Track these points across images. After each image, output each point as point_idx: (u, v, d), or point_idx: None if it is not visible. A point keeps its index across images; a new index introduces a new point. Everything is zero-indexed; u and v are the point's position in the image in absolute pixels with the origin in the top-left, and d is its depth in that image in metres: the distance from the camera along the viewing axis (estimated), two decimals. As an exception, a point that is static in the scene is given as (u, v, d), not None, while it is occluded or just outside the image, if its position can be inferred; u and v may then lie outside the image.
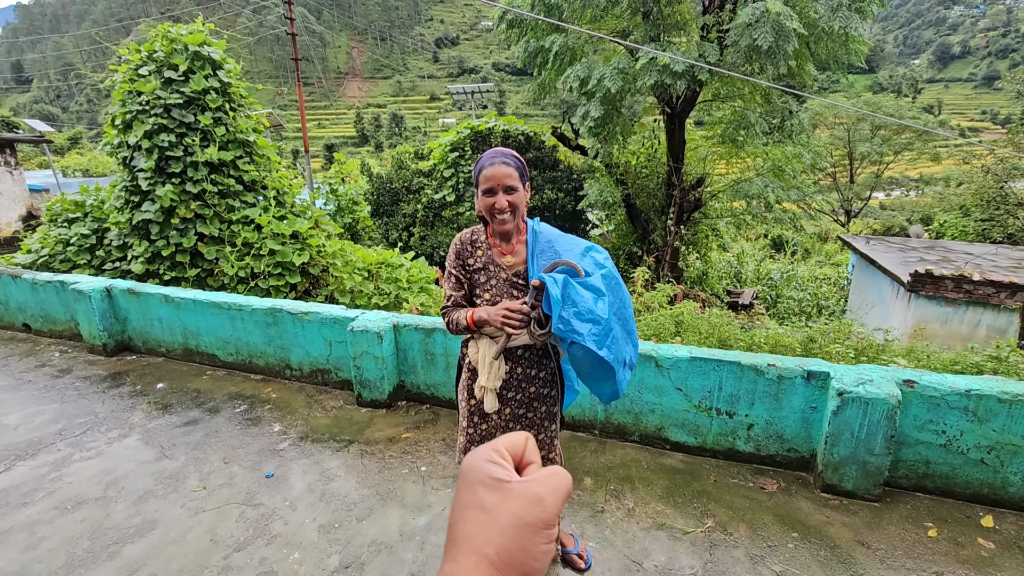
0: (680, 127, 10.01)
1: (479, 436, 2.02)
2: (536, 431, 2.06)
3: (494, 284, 1.91)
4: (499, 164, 1.81)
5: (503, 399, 1.98)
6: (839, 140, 24.16)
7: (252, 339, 4.53)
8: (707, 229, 11.47)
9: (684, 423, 3.24)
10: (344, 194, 10.56)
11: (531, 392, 2.00)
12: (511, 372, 1.96)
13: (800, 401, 2.97)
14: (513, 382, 1.98)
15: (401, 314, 4.09)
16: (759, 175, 10.00)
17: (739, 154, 10.24)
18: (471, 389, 2.00)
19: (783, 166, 9.66)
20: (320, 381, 4.36)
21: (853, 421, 2.75)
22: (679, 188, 9.97)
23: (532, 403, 2.02)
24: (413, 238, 11.84)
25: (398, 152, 14.45)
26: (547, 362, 2.03)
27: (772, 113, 9.57)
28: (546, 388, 2.03)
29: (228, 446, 3.45)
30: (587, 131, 9.44)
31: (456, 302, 1.97)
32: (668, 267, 9.96)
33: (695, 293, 9.76)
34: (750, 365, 3.01)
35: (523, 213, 1.93)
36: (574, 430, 3.52)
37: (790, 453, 3.07)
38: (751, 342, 4.68)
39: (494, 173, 1.80)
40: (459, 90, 29.33)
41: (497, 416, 2.00)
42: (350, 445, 3.44)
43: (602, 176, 11.29)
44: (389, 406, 3.93)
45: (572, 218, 12.29)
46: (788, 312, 10.70)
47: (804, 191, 9.94)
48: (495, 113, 13.06)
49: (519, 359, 1.96)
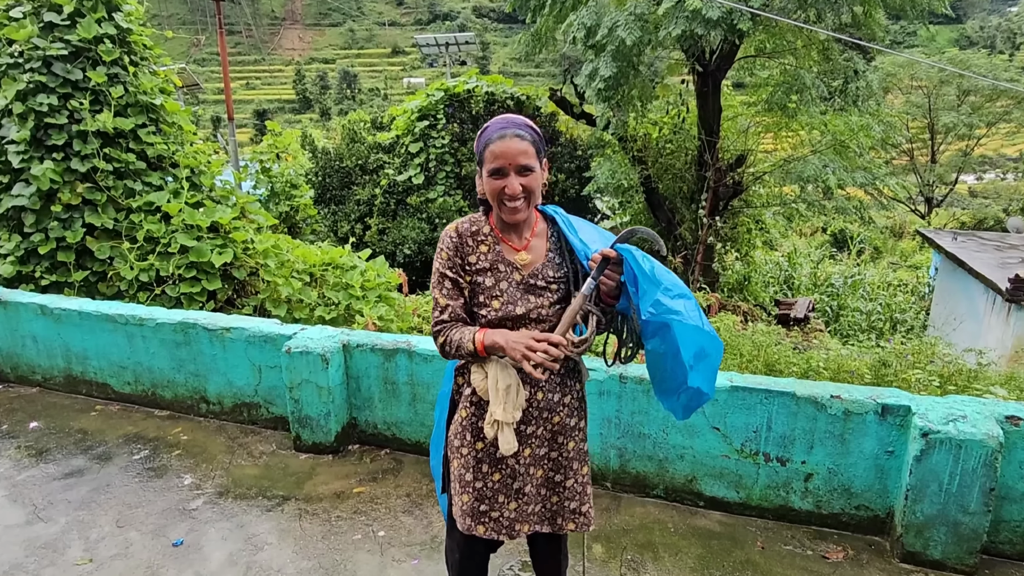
0: (715, 90, 10.11)
1: (490, 491, 1.97)
2: (563, 476, 2.02)
3: (505, 289, 1.88)
4: (511, 137, 1.79)
5: (521, 436, 1.93)
6: (917, 109, 24.55)
7: (157, 363, 4.48)
8: (749, 221, 11.55)
9: (722, 473, 3.23)
10: (280, 175, 10.50)
11: (555, 424, 1.97)
12: (530, 399, 1.92)
13: (872, 444, 2.98)
14: (532, 412, 1.94)
15: (353, 330, 4.07)
16: (816, 152, 10.11)
17: (790, 125, 10.35)
18: (477, 429, 1.95)
19: (846, 141, 9.77)
20: (246, 419, 4.32)
21: (941, 470, 2.76)
22: (714, 168, 10.04)
23: (557, 438, 1.99)
24: (369, 232, 11.80)
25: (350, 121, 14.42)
26: (572, 383, 2.00)
27: (832, 73, 9.67)
28: (573, 417, 2.00)
29: (123, 504, 3.39)
30: (595, 95, 9.48)
31: (455, 315, 1.91)
32: (700, 270, 10.01)
33: (734, 304, 9.81)
34: (807, 397, 3.02)
35: (539, 200, 1.91)
36: (580, 482, 3.48)
37: (860, 511, 3.07)
38: (807, 367, 4.70)
39: (505, 149, 1.78)
40: (430, 41, 29.43)
41: (515, 460, 1.95)
42: (285, 503, 3.40)
43: (615, 153, 11.35)
44: (337, 451, 3.90)
45: (576, 206, 12.33)
46: (853, 328, 10.78)
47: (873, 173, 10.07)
48: (476, 71, 13.09)
49: (539, 382, 1.93)
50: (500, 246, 1.92)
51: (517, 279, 1.89)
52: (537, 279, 1.90)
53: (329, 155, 12.70)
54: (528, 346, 1.74)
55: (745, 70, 11.07)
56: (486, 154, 1.81)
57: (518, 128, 1.82)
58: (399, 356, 3.73)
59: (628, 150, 10.86)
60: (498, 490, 1.97)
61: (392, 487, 3.52)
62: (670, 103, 11.38)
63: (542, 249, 1.94)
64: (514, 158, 1.78)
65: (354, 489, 3.52)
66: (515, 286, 1.89)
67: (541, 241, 1.95)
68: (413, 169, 11.94)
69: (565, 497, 2.03)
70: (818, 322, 10.45)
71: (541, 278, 1.90)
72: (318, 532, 3.15)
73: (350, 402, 3.96)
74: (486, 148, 1.82)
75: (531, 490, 1.99)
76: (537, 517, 2.03)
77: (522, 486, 1.98)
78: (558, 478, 2.02)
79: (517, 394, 1.87)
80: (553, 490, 2.03)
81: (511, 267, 1.90)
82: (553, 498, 2.03)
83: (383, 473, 3.68)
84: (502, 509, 1.98)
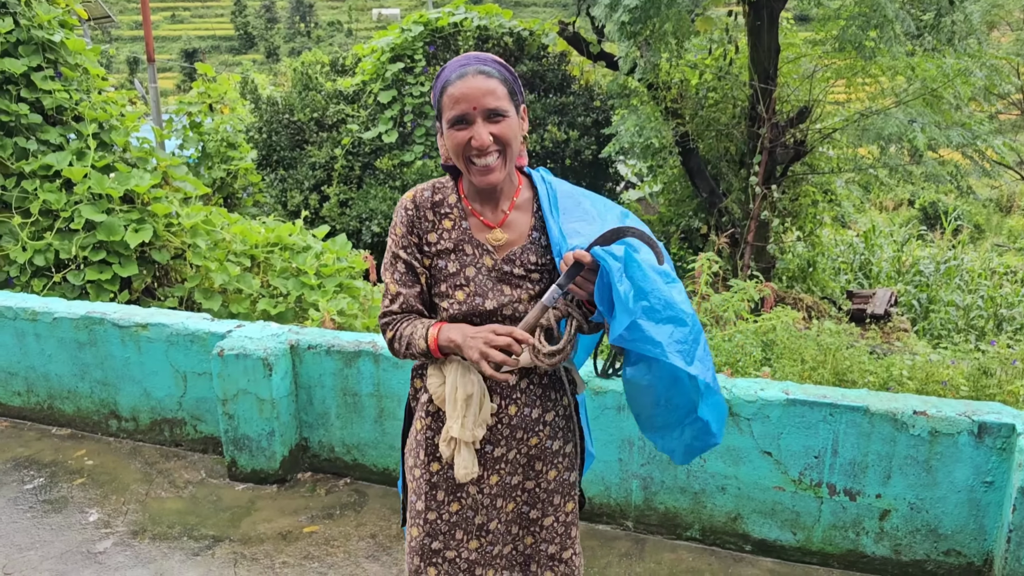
0: (771, 24, 10.06)
1: (446, 525, 1.98)
2: (540, 512, 2.02)
3: (472, 277, 1.88)
4: (474, 75, 1.78)
5: (486, 460, 1.93)
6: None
7: (55, 369, 4.48)
8: (815, 191, 11.52)
9: (775, 509, 3.23)
10: (213, 131, 10.48)
11: (532, 447, 1.97)
12: (499, 414, 1.92)
13: (966, 473, 2.97)
14: (502, 431, 1.93)
15: (305, 328, 4.07)
16: (900, 104, 10.07)
17: (867, 69, 10.29)
18: (433, 446, 1.97)
19: (939, 90, 9.72)
20: (167, 439, 4.33)
21: (1053, 504, 2.75)
22: (769, 124, 10.01)
23: (534, 464, 1.99)
24: (328, 204, 11.77)
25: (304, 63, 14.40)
26: (558, 397, 2.00)
27: (922, 2, 9.62)
28: (556, 440, 2.00)
29: (12, 546, 3.39)
30: (617, 29, 9.42)
31: (407, 305, 1.92)
32: (751, 253, 9.99)
33: (795, 295, 9.81)
34: (884, 413, 3.01)
35: (518, 155, 1.90)
36: (592, 520, 3.50)
37: (949, 558, 3.07)
38: (887, 376, 4.70)
39: (468, 89, 1.77)
40: (409, -38, 29.31)
41: (477, 489, 1.96)
42: (216, 545, 3.40)
43: (642, 104, 11.30)
44: (283, 480, 3.91)
45: (592, 171, 12.30)
46: (947, 327, 10.78)
47: (974, 130, 10.03)
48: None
49: (512, 392, 1.93)
50: (469, 221, 1.92)
51: (488, 264, 1.88)
52: (514, 265, 1.88)
53: (276, 106, 12.64)
54: (487, 340, 1.72)
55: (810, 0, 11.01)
56: (444, 100, 1.80)
57: (483, 64, 1.81)
58: (363, 360, 3.73)
59: (660, 100, 10.79)
60: (456, 524, 1.98)
61: (353, 526, 3.51)
62: (713, 41, 11.29)
63: (524, 226, 1.93)
64: (479, 100, 1.76)
65: (304, 528, 3.51)
66: (485, 273, 1.88)
67: (524, 215, 1.94)
68: (384, 124, 11.90)
69: (542, 539, 2.04)
70: (902, 319, 10.44)
71: (519, 264, 1.89)
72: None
73: (299, 419, 3.96)
74: (444, 93, 1.80)
75: (498, 527, 1.99)
76: (506, 561, 2.04)
77: (486, 521, 1.98)
78: (534, 514, 2.02)
79: (480, 407, 1.85)
80: (527, 529, 2.03)
81: (481, 249, 1.89)
82: (527, 539, 2.04)
83: (342, 508, 3.67)
84: (459, 548, 1.98)
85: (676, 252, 11.41)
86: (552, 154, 11.79)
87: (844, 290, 11.64)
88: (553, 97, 12.11)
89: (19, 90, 5.74)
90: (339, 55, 15.15)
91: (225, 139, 10.52)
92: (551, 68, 12.41)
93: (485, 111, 1.77)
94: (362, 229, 11.42)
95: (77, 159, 5.79)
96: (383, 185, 11.71)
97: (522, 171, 1.99)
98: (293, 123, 12.44)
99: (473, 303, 1.86)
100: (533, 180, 1.99)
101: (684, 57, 10.68)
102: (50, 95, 5.85)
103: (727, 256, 10.06)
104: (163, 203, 5.90)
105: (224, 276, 5.87)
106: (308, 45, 66.68)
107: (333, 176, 11.95)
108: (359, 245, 11.08)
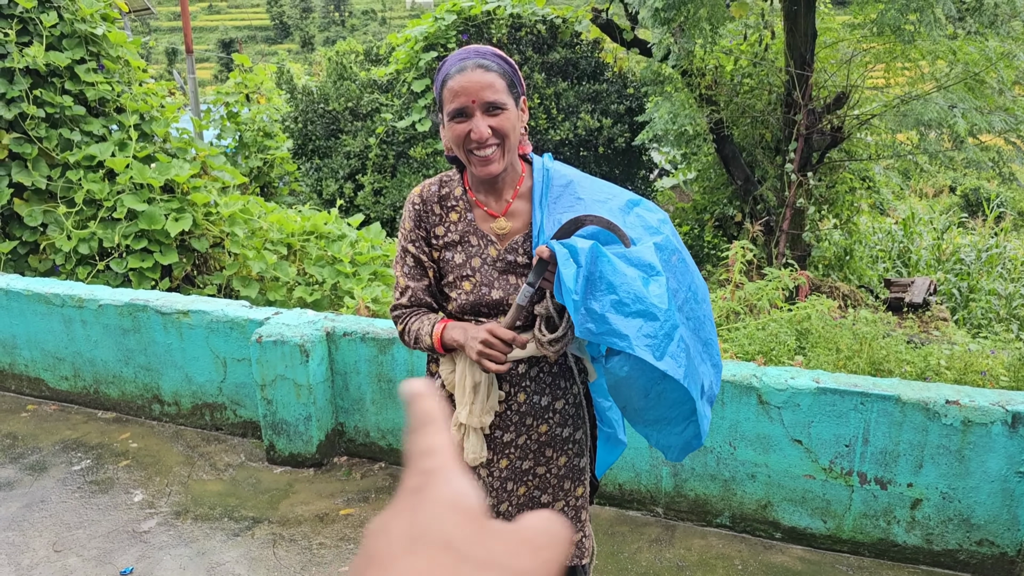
0: (808, 9, 9.92)
1: None
2: (551, 497, 2.08)
3: (478, 267, 1.93)
4: (473, 68, 1.82)
5: (495, 445, 2.00)
6: (1078, 31, 23.87)
7: (100, 355, 4.59)
8: (852, 179, 11.37)
9: (805, 497, 3.24)
10: (250, 121, 10.61)
11: (542, 433, 2.03)
12: (509, 402, 1.98)
13: (999, 462, 2.96)
14: (512, 418, 1.99)
15: (341, 315, 4.13)
16: (940, 88, 9.89)
17: (907, 54, 10.11)
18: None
19: (981, 74, 9.54)
20: (208, 423, 4.42)
21: (1087, 494, 2.74)
22: (805, 110, 9.89)
23: (544, 451, 2.05)
24: (362, 192, 11.86)
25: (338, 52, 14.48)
26: (567, 386, 2.04)
27: (964, -14, 9.43)
28: (567, 428, 2.05)
29: (61, 525, 3.50)
30: (651, 16, 9.38)
31: (416, 299, 2.00)
32: (786, 241, 9.91)
33: (831, 284, 9.71)
34: (916, 402, 3.01)
35: (518, 145, 1.93)
36: (622, 506, 3.53)
37: (982, 548, 3.06)
38: (924, 366, 4.67)
39: (466, 83, 1.81)
40: (443, -51, 29.26)
41: (487, 472, 2.02)
42: (256, 526, 3.48)
43: (676, 91, 11.23)
44: (320, 464, 3.97)
45: (626, 159, 12.27)
46: (988, 317, 10.61)
47: (1017, 116, 9.82)
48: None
49: (521, 381, 1.98)
50: (473, 212, 1.96)
51: (493, 254, 1.93)
52: (517, 254, 1.92)
53: (312, 96, 12.75)
54: (484, 340, 1.78)
55: (849, -17, 10.83)
56: (445, 93, 1.85)
57: (482, 57, 1.85)
58: (396, 347, 3.78)
59: (694, 87, 10.71)
60: None
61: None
62: (749, 26, 11.18)
63: (526, 214, 1.96)
64: (478, 93, 1.81)
65: (341, 511, 3.58)
66: (490, 263, 1.93)
67: (526, 204, 1.97)
68: (417, 113, 11.95)
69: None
70: (941, 308, 10.29)
71: (523, 253, 1.93)
72: (296, 562, 3.22)
73: (335, 404, 4.02)
74: (444, 87, 1.85)
75: (509, 509, 2.05)
76: None
77: (496, 504, 2.05)
78: (545, 499, 2.08)
79: (488, 395, 1.92)
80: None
81: (485, 240, 1.94)
82: None
83: (376, 492, 3.73)
84: None
85: (710, 240, 11.34)
86: (585, 142, 11.76)
87: (882, 278, 11.48)
88: (586, 85, 12.06)
89: (63, 82, 5.86)
90: (373, 44, 15.20)
91: (262, 128, 10.65)
92: (584, 56, 12.35)
93: (484, 104, 1.82)
94: (396, 217, 11.49)
95: (119, 150, 5.90)
96: (417, 173, 11.77)
97: (527, 159, 2.02)
98: (328, 112, 12.52)
99: (480, 293, 1.91)
100: (537, 164, 2.02)
101: (719, 43, 10.58)
102: (93, 87, 5.97)
103: (762, 244, 9.98)
104: (202, 192, 5.99)
105: (261, 264, 5.96)
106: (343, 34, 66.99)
107: (367, 165, 12.03)
108: (393, 233, 11.15)
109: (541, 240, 1.86)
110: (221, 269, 6.08)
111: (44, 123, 5.74)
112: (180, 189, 5.97)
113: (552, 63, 12.02)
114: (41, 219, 5.69)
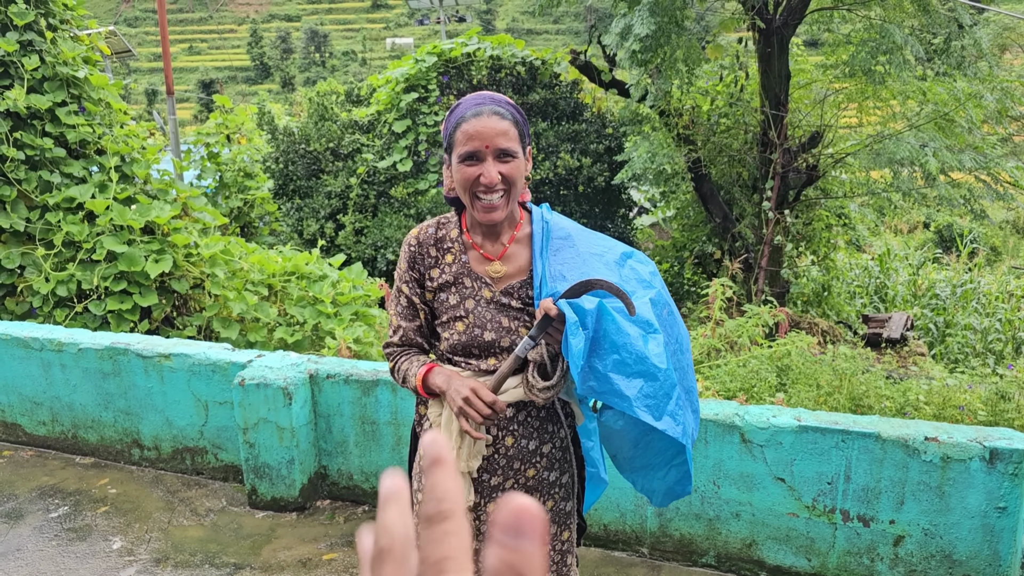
0: (782, 51, 10.13)
1: None
2: None
3: (472, 309, 1.95)
4: (489, 115, 1.86)
5: (483, 489, 2.01)
6: (1043, 71, 24.47)
7: (79, 399, 4.54)
8: (828, 215, 11.54)
9: (789, 535, 3.24)
10: (231, 161, 10.61)
11: (529, 478, 2.03)
12: (496, 445, 1.99)
13: (979, 498, 2.98)
14: (499, 461, 2.00)
15: (323, 357, 4.12)
16: (912, 127, 10.10)
17: (878, 94, 10.33)
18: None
19: (951, 113, 9.76)
20: (189, 467, 4.37)
21: (1066, 529, 2.77)
22: (781, 149, 10.06)
23: (531, 495, 2.04)
24: (343, 232, 11.88)
25: (319, 93, 14.59)
26: (555, 430, 2.05)
27: (931, 28, 9.67)
28: (553, 471, 2.06)
29: (38, 574, 3.43)
30: (628, 58, 9.54)
31: (407, 338, 2.02)
32: (765, 278, 10.01)
33: (809, 320, 9.79)
34: (896, 439, 3.03)
35: (520, 194, 1.97)
36: (607, 547, 3.51)
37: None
38: (903, 401, 4.71)
39: (481, 128, 1.85)
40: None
41: (474, 516, 2.03)
42: (238, 572, 3.43)
43: (654, 130, 11.39)
44: (303, 508, 3.93)
45: (606, 198, 12.38)
46: (964, 351, 10.73)
47: (986, 154, 10.04)
48: (478, 29, 13.20)
49: (509, 424, 1.99)
50: (468, 254, 1.98)
51: (487, 296, 1.95)
52: (512, 298, 1.95)
53: (292, 136, 12.81)
54: (466, 398, 1.79)
55: (820, 25, 11.08)
56: (457, 135, 1.87)
57: (497, 105, 1.89)
58: (380, 389, 3.77)
59: (671, 127, 10.87)
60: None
61: (372, 553, 3.54)
62: (724, 67, 11.40)
63: (524, 259, 1.98)
64: (492, 139, 1.84)
65: (324, 556, 3.54)
66: (484, 305, 1.95)
67: (523, 250, 2.00)
68: (398, 153, 12.02)
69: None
70: (918, 343, 10.41)
71: (517, 297, 1.95)
72: (279, 609, 3.18)
73: (318, 447, 3.99)
74: (457, 128, 1.88)
75: None
76: None
77: (482, 548, 2.03)
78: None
79: (476, 440, 1.92)
80: None
81: (479, 282, 1.96)
82: None
83: (361, 536, 3.70)
84: None
85: (690, 277, 11.43)
86: (565, 181, 11.86)
87: (859, 314, 11.59)
88: (566, 125, 12.20)
89: (44, 125, 5.84)
90: (354, 85, 15.33)
91: (242, 169, 10.64)
92: (563, 96, 12.51)
93: (497, 150, 1.85)
94: (377, 257, 11.50)
95: (99, 191, 5.88)
96: (398, 213, 11.80)
97: (525, 207, 2.06)
98: (309, 153, 12.58)
99: (472, 334, 1.93)
100: (536, 214, 2.05)
101: (695, 84, 10.76)
102: (74, 129, 5.95)
103: (741, 281, 10.06)
104: (182, 234, 5.98)
105: (242, 305, 5.93)
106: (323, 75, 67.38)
107: (348, 205, 12.06)
108: (374, 273, 11.15)
109: (544, 291, 1.88)
110: (201, 310, 6.05)
111: (24, 165, 5.72)
112: (160, 231, 5.95)
113: (532, 104, 12.16)
114: (19, 261, 5.64)
